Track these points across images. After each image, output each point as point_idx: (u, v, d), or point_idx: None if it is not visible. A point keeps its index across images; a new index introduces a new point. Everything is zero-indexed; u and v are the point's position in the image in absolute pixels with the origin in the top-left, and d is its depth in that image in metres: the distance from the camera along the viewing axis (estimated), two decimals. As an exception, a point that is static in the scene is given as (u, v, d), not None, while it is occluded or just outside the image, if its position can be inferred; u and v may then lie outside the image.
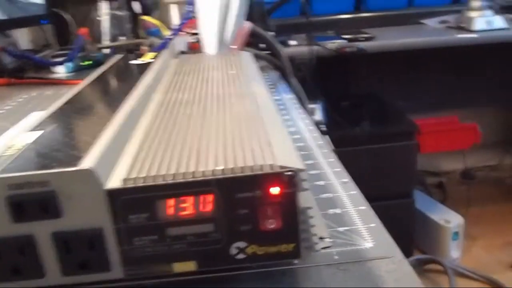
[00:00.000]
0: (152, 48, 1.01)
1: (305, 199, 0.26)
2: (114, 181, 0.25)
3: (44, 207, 0.25)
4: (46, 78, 0.95)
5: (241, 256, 0.27)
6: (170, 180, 0.25)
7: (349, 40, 1.45)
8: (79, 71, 1.00)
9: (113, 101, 0.37)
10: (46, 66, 1.00)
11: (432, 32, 1.60)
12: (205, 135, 0.30)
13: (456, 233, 1.61)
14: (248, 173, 0.25)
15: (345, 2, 1.74)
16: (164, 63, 0.54)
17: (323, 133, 0.55)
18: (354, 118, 1.47)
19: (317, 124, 0.58)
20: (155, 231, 0.26)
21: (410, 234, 1.55)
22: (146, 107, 0.38)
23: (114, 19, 1.13)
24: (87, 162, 0.25)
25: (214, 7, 0.65)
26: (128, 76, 0.48)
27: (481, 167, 2.16)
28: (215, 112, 0.35)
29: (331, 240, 0.32)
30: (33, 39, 1.30)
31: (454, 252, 1.62)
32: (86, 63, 1.02)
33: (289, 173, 0.25)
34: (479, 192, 2.02)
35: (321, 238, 0.30)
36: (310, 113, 0.74)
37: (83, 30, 1.01)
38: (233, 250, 0.26)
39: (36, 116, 0.69)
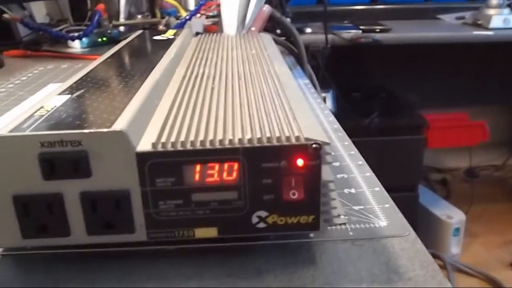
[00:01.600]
0: (168, 28, 1.01)
1: (326, 172, 0.27)
2: (144, 145, 0.26)
3: (74, 167, 0.26)
4: (62, 52, 0.96)
5: (261, 225, 0.27)
6: (198, 146, 0.26)
7: (365, 31, 1.45)
8: (94, 47, 1.01)
9: (139, 72, 0.38)
10: (62, 40, 1.01)
11: (448, 27, 1.59)
12: (230, 107, 0.31)
13: (457, 229, 1.62)
14: (275, 143, 0.26)
15: (363, -7, 1.74)
16: (185, 39, 0.54)
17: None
18: (364, 109, 1.47)
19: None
20: (180, 196, 0.26)
21: (412, 227, 1.56)
22: (170, 79, 0.39)
23: (131, -4, 1.13)
24: (120, 124, 0.26)
25: (237, -13, 0.65)
26: (151, 50, 0.49)
27: (485, 166, 2.17)
28: (238, 87, 0.36)
29: (346, 217, 0.32)
30: (49, 13, 1.31)
31: (454, 248, 1.63)
32: (102, 39, 1.03)
33: (315, 145, 0.25)
34: (482, 190, 2.02)
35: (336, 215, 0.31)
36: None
37: (101, 6, 1.01)
38: (254, 219, 0.27)
39: (59, 84, 0.70)
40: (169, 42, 0.52)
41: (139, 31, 0.63)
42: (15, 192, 0.26)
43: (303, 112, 0.30)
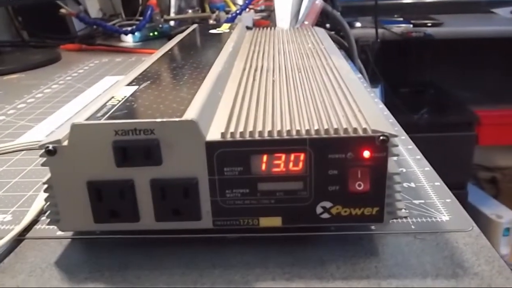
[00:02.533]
0: (218, 22, 1.02)
1: (392, 165, 0.27)
2: (213, 134, 0.27)
3: (146, 154, 0.26)
4: (116, 45, 0.99)
5: (325, 215, 0.28)
6: (266, 137, 0.26)
7: (416, 25, 1.42)
8: (146, 41, 1.03)
9: (200, 65, 0.39)
10: (115, 34, 1.04)
11: (503, 21, 1.54)
12: (294, 99, 0.31)
13: (507, 229, 1.58)
14: (342, 135, 0.26)
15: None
16: (241, 33, 0.55)
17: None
18: (413, 104, 1.45)
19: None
20: (247, 185, 0.27)
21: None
22: (230, 72, 0.39)
23: (182, -9, 1.15)
24: (190, 114, 0.26)
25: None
26: (209, 43, 0.50)
27: (538, 165, 2.09)
28: (299, 80, 0.36)
29: (407, 210, 0.32)
30: (101, 8, 1.34)
31: (504, 248, 1.59)
32: (153, 33, 1.05)
33: (382, 137, 0.26)
34: (534, 190, 1.95)
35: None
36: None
37: (153, 1, 1.03)
38: (318, 209, 0.28)
39: (115, 77, 0.72)
40: (225, 36, 0.53)
41: (194, 25, 0.65)
42: (89, 177, 0.27)
43: (367, 105, 0.30)
